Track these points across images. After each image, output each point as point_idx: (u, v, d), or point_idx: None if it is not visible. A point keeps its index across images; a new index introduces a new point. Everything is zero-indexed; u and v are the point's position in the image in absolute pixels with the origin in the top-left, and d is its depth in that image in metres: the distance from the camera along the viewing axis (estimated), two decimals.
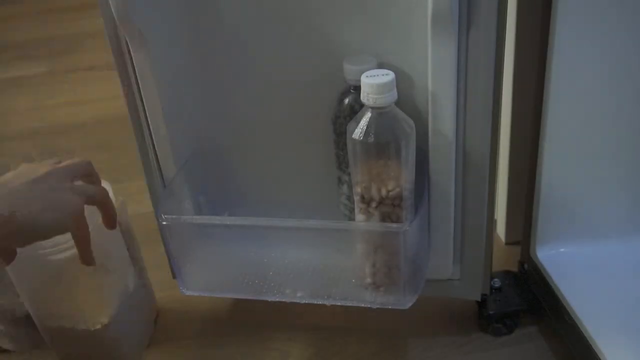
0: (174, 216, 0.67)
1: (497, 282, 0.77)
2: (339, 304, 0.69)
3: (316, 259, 0.69)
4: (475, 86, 0.61)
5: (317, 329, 0.81)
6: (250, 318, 0.84)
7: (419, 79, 0.63)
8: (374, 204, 0.62)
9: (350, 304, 0.68)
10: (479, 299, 0.76)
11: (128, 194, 0.80)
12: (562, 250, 0.74)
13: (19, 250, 0.56)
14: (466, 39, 0.59)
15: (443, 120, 0.62)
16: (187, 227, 0.70)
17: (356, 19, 0.64)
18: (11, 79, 1.72)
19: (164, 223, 0.66)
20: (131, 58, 0.65)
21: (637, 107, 0.67)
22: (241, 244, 0.69)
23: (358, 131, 0.58)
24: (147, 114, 0.68)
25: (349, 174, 0.64)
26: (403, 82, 0.64)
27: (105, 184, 0.66)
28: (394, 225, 0.62)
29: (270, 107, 0.72)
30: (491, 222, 0.69)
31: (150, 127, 0.68)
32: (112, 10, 0.60)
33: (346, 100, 0.66)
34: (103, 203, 0.62)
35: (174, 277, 0.75)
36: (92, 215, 0.60)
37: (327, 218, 0.65)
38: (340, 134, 0.67)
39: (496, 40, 0.59)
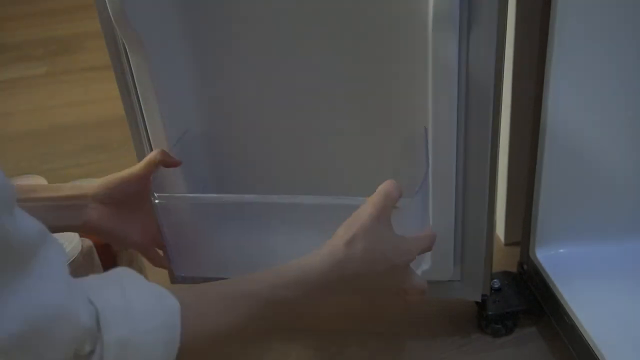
0: (167, 194, 0.64)
1: (496, 283, 0.77)
2: None
3: (314, 238, 0.68)
4: (476, 86, 0.61)
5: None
6: None
7: (419, 79, 0.63)
8: None
9: None
10: (479, 300, 0.75)
11: None
12: (561, 251, 0.74)
13: None
14: (467, 38, 0.58)
15: (443, 121, 0.62)
16: (180, 206, 0.68)
17: (356, 18, 0.64)
18: (11, 80, 1.72)
19: (157, 202, 0.64)
20: (128, 59, 0.64)
21: (637, 108, 0.67)
22: (236, 224, 0.67)
23: None
24: (145, 115, 0.68)
25: None
26: (403, 81, 0.64)
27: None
28: None
29: (270, 107, 0.72)
30: (491, 223, 0.69)
31: (148, 128, 0.68)
32: (109, 11, 0.59)
33: None
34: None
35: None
36: None
37: None
38: None
39: (497, 40, 0.59)
